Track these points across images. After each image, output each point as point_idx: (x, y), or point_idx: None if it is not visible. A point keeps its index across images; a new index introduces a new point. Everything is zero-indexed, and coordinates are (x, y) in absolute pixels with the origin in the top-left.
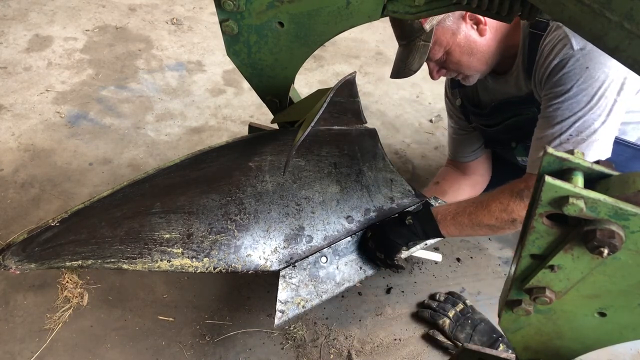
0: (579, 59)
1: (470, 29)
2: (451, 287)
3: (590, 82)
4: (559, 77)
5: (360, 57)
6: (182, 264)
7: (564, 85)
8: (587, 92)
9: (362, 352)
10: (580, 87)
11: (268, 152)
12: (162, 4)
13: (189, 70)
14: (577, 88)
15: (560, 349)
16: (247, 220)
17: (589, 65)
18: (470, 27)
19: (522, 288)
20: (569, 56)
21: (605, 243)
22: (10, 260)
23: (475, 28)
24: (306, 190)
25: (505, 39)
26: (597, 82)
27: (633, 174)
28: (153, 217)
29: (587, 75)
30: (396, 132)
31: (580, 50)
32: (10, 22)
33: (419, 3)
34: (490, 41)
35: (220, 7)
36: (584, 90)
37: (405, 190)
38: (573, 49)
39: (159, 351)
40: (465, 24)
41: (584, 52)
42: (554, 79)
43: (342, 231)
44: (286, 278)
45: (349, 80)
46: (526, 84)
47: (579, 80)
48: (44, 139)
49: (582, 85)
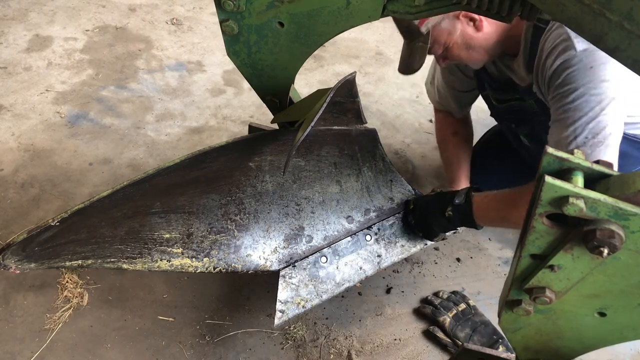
0: (582, 59)
1: (467, 26)
2: (451, 287)
3: (597, 83)
4: (564, 77)
5: (360, 57)
6: (182, 263)
7: (570, 85)
8: (595, 93)
9: (362, 352)
10: (587, 86)
11: (268, 152)
12: (162, 4)
13: (189, 70)
14: (584, 87)
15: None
16: (247, 220)
17: (592, 65)
18: (466, 24)
19: (522, 288)
20: (571, 56)
21: (605, 243)
22: (10, 260)
23: (472, 24)
24: (306, 190)
25: (507, 30)
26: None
27: (633, 174)
28: (153, 217)
29: (592, 75)
30: (396, 132)
31: (583, 51)
32: (10, 22)
33: (419, 3)
34: (489, 34)
35: (220, 7)
36: (591, 89)
37: (405, 190)
38: (576, 50)
39: (159, 351)
40: (461, 22)
41: (587, 53)
42: (559, 80)
43: (342, 231)
44: (286, 278)
45: (349, 80)
46: (527, 76)
47: (584, 79)
48: (44, 139)
49: (588, 85)
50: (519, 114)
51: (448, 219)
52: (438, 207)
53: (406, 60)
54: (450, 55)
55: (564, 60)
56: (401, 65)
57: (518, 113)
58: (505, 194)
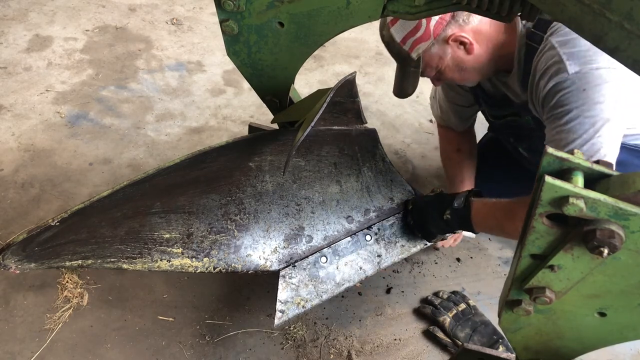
0: (575, 82)
1: (457, 49)
2: (451, 287)
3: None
4: (558, 99)
5: (360, 57)
6: (182, 263)
7: (564, 107)
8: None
9: (362, 352)
10: (580, 109)
11: (268, 152)
12: (162, 4)
13: (189, 70)
14: (577, 110)
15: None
16: (247, 220)
17: (585, 87)
18: (456, 48)
19: (522, 288)
20: (564, 79)
21: (605, 243)
22: (10, 260)
23: (462, 48)
24: (306, 190)
25: (499, 49)
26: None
27: (633, 174)
28: (153, 217)
29: (586, 97)
30: (396, 132)
31: (575, 74)
32: (10, 22)
33: (419, 3)
34: (480, 56)
35: (221, 7)
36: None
37: (405, 190)
38: (568, 72)
39: (159, 351)
40: (450, 46)
41: (579, 75)
42: (553, 102)
43: (342, 231)
44: (286, 278)
45: (349, 80)
46: (523, 93)
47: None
48: (44, 139)
49: (582, 107)
50: (517, 130)
51: (446, 221)
52: (437, 208)
53: (400, 85)
54: (443, 77)
55: (556, 82)
56: (395, 88)
57: (515, 129)
58: (504, 203)
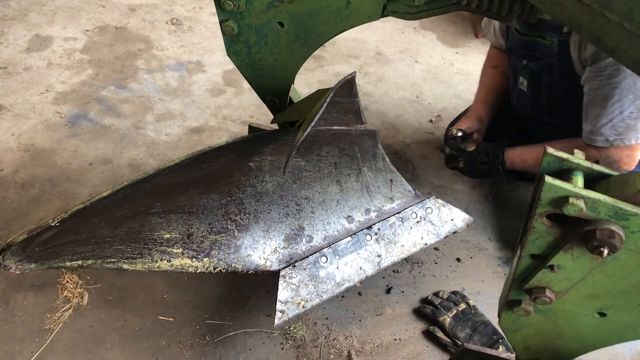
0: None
1: None
2: (451, 287)
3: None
4: (612, 60)
5: (360, 57)
6: (182, 264)
7: (619, 67)
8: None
9: (362, 352)
10: (634, 76)
11: (268, 152)
12: (162, 4)
13: (189, 70)
14: (632, 76)
15: (560, 349)
16: (247, 220)
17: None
18: None
19: (522, 288)
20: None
21: (605, 243)
22: (10, 260)
23: None
24: (306, 190)
25: None
26: None
27: (633, 174)
28: (153, 217)
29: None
30: (396, 132)
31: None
32: (10, 22)
33: (419, 3)
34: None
35: (220, 7)
36: (638, 81)
37: (405, 190)
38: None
39: (159, 351)
40: None
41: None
42: (607, 60)
43: (342, 231)
44: (286, 278)
45: (349, 80)
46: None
47: (630, 72)
48: (44, 139)
49: (634, 77)
50: (534, 50)
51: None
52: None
53: None
54: None
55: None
56: None
57: (533, 49)
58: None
